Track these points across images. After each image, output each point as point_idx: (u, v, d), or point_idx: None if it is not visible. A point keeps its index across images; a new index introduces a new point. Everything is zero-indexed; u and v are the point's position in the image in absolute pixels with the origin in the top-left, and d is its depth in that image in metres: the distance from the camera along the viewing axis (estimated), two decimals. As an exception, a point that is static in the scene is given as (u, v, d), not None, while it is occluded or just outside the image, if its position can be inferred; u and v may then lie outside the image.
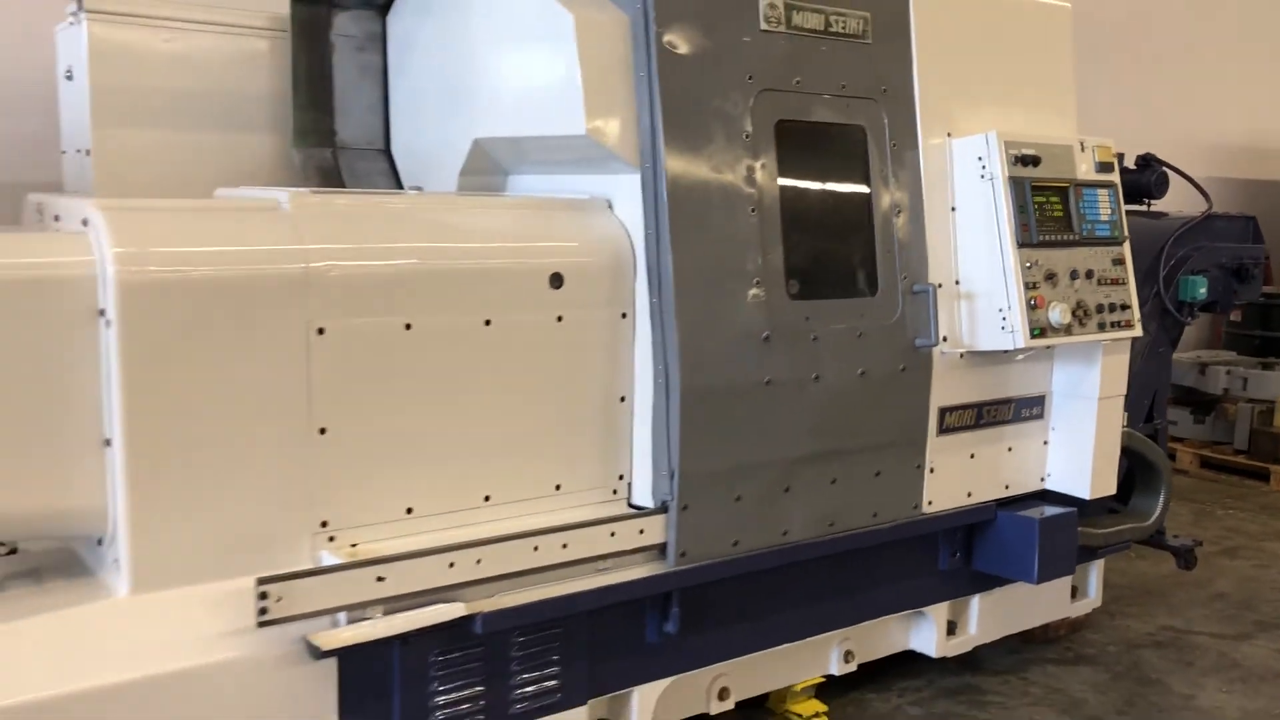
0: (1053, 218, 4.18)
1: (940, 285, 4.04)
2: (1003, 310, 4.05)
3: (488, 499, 3.42)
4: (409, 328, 3.21)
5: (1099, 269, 4.28)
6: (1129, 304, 4.36)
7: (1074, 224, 4.23)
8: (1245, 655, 5.00)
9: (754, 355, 3.64)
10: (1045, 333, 4.06)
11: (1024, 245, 4.06)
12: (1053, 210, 4.19)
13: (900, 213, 4.00)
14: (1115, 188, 4.40)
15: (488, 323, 3.35)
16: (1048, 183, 4.18)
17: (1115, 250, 4.36)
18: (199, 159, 4.15)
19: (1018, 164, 4.09)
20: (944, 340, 4.07)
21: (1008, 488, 4.43)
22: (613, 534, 3.48)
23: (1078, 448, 4.47)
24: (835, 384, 3.82)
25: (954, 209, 4.15)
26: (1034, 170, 4.14)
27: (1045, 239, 4.12)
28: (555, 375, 3.52)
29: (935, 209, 4.10)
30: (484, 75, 3.94)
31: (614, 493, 3.67)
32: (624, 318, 3.62)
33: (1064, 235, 4.20)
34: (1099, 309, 4.25)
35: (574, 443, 3.58)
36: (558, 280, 3.48)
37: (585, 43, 3.47)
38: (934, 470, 4.15)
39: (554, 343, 3.50)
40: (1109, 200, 4.37)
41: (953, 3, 4.17)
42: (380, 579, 3.03)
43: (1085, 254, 4.25)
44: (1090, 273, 4.24)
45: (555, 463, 3.55)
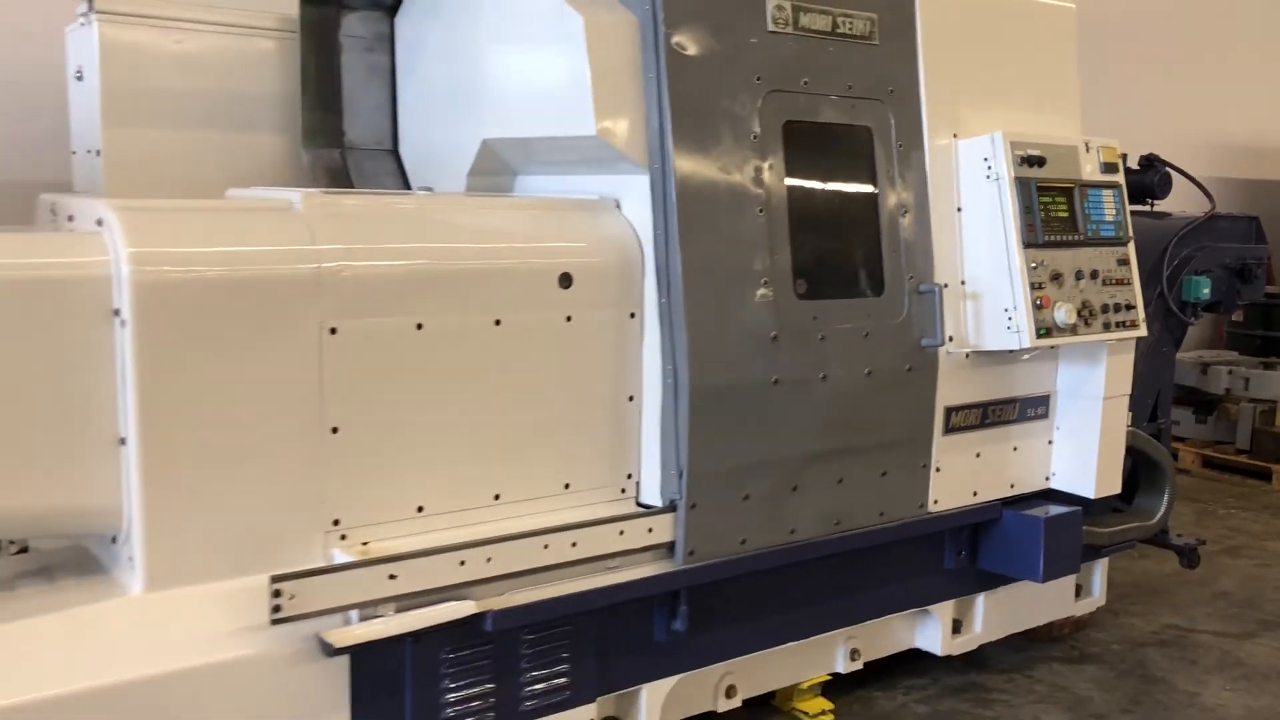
0: (1058, 218, 4.20)
1: (946, 285, 4.05)
2: (1008, 310, 4.07)
3: (497, 498, 3.45)
4: (420, 328, 3.24)
5: (1104, 269, 4.30)
6: (1134, 304, 4.38)
7: (1079, 224, 4.25)
8: (1249, 654, 5.02)
9: (762, 355, 3.66)
10: (1051, 333, 4.08)
11: (1030, 245, 4.08)
12: (1058, 211, 4.21)
13: (906, 213, 4.02)
14: (1120, 188, 4.42)
15: (498, 323, 3.38)
16: (1053, 183, 4.20)
17: (1120, 250, 4.38)
18: (208, 159, 4.19)
19: (1023, 164, 4.12)
20: (950, 340, 4.08)
21: (1013, 487, 4.45)
22: (621, 532, 3.51)
23: (1082, 447, 4.49)
24: (842, 383, 3.84)
25: (960, 209, 4.17)
26: (1039, 171, 4.16)
27: (1051, 239, 4.14)
28: (564, 375, 3.54)
29: (941, 209, 4.12)
30: (493, 76, 3.96)
31: (622, 491, 3.69)
32: (632, 317, 3.64)
33: (1069, 236, 4.22)
34: (1104, 309, 4.27)
35: (583, 442, 3.60)
36: (567, 280, 3.51)
37: (594, 44, 3.50)
38: (940, 469, 4.17)
39: (563, 342, 3.52)
40: (1114, 201, 4.39)
41: (958, 4, 4.20)
42: (392, 577, 3.05)
43: (1090, 254, 4.27)
44: (1095, 273, 4.26)
45: (564, 462, 3.57)
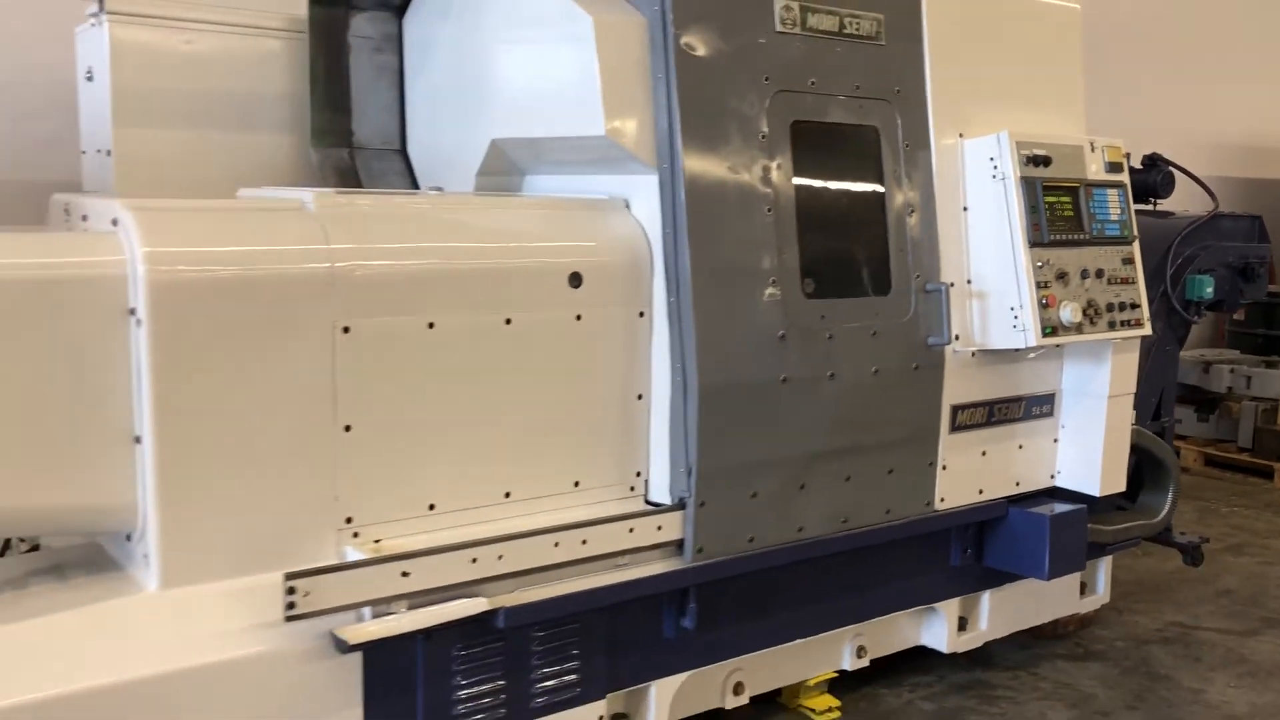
0: (1063, 217, 4.22)
1: (952, 284, 4.08)
2: (1014, 309, 4.09)
3: (508, 495, 3.46)
4: (432, 326, 3.26)
5: (1109, 268, 4.32)
6: (1139, 303, 4.40)
7: (1084, 224, 4.28)
8: (1253, 650, 5.04)
9: (770, 353, 3.68)
10: (1057, 331, 4.11)
11: (1035, 245, 4.10)
12: (1063, 210, 4.23)
13: (913, 212, 4.04)
14: (1124, 188, 4.45)
15: (508, 321, 3.40)
16: (1058, 183, 4.22)
17: (1125, 250, 4.40)
18: (218, 159, 4.20)
19: (1029, 164, 4.14)
20: (956, 339, 4.11)
21: (1018, 485, 4.47)
22: (631, 530, 3.53)
23: (1087, 445, 4.51)
24: (850, 382, 3.86)
25: (965, 209, 4.19)
26: (1045, 170, 4.18)
27: (1056, 238, 4.17)
28: (574, 373, 3.56)
29: (947, 209, 4.14)
30: (502, 76, 3.98)
31: (631, 489, 3.71)
32: (641, 316, 3.66)
33: (1075, 235, 4.24)
34: (1109, 308, 4.29)
35: (592, 440, 3.62)
36: (577, 280, 3.53)
37: (604, 44, 3.51)
38: (946, 467, 4.19)
39: (573, 341, 3.54)
40: (1118, 200, 4.41)
41: (964, 4, 4.22)
42: (405, 574, 3.08)
43: (1095, 253, 4.29)
44: (1100, 272, 4.29)
45: (574, 460, 3.59)
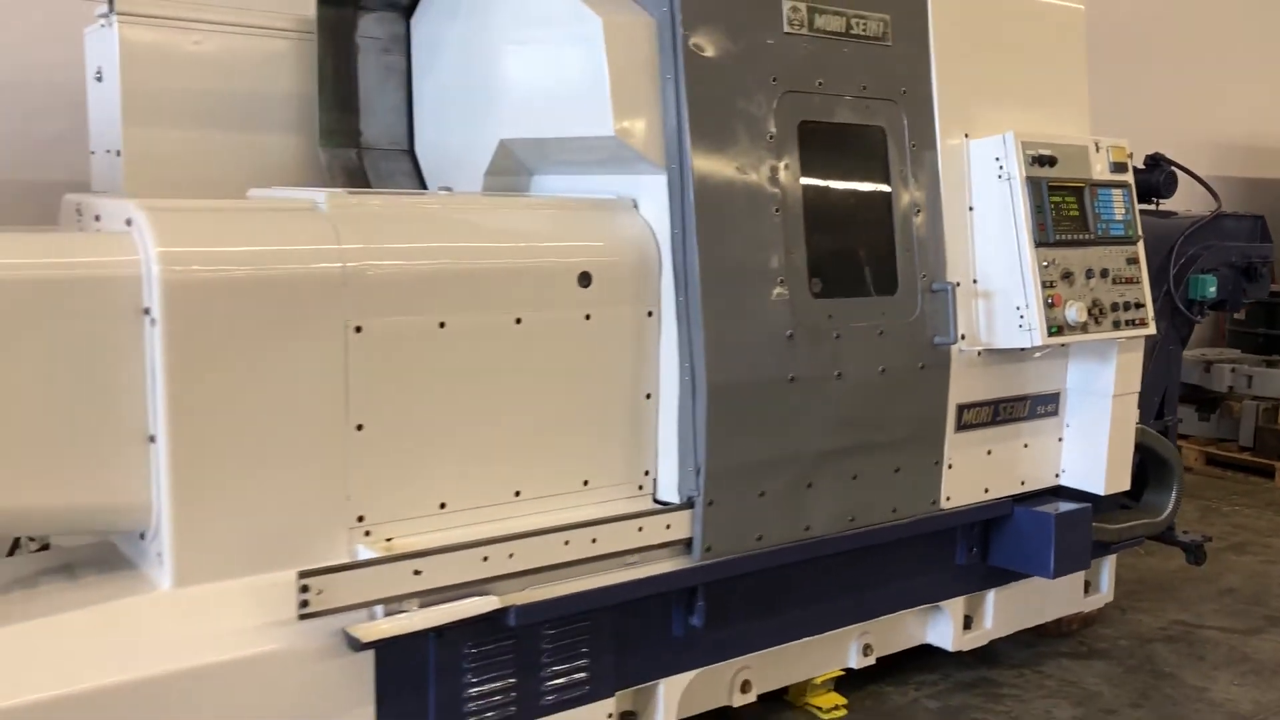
0: (1069, 217, 4.24)
1: (958, 284, 4.09)
2: (1020, 309, 4.11)
3: (518, 494, 3.48)
4: (443, 326, 3.27)
5: (1114, 268, 4.34)
6: (1143, 302, 4.42)
7: (1089, 223, 4.29)
8: (1256, 649, 5.06)
9: (778, 353, 3.69)
10: (1062, 331, 4.12)
11: (1041, 244, 4.12)
12: (1069, 210, 4.24)
13: (919, 212, 4.06)
14: (1129, 188, 4.46)
15: (519, 321, 3.41)
16: (1064, 183, 4.24)
17: (1129, 249, 4.42)
18: (227, 159, 4.22)
19: (1035, 164, 4.15)
20: (962, 338, 4.12)
21: (1023, 484, 4.49)
22: (640, 529, 3.55)
23: (1092, 444, 4.53)
24: (857, 381, 3.88)
25: (971, 209, 4.21)
26: (1050, 170, 4.20)
27: (1061, 238, 4.18)
28: (583, 372, 3.57)
29: (953, 209, 4.16)
30: (510, 77, 3.99)
31: (639, 488, 3.73)
32: (650, 316, 3.68)
33: (1080, 235, 4.25)
34: (1114, 307, 4.31)
35: (601, 439, 3.63)
36: (586, 279, 3.54)
37: (613, 45, 3.53)
38: (952, 466, 4.21)
39: (582, 341, 3.56)
40: (1123, 200, 4.43)
41: (969, 5, 4.23)
42: (417, 572, 3.09)
43: (1100, 253, 4.31)
44: (1105, 271, 4.30)
45: (583, 459, 3.61)
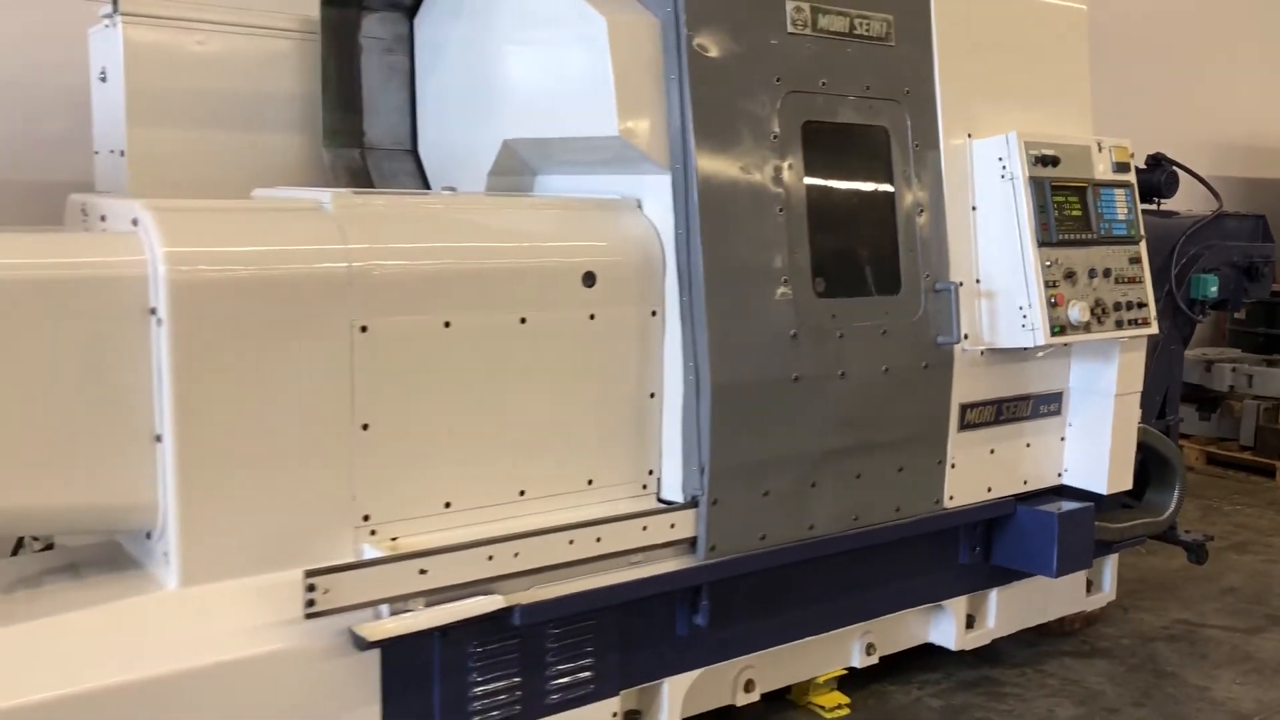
0: (1071, 217, 4.24)
1: (961, 284, 4.10)
2: (1023, 308, 4.11)
3: (522, 493, 3.49)
4: (448, 326, 3.28)
5: (1116, 267, 4.35)
6: (1145, 302, 4.43)
7: (1092, 223, 4.30)
8: (1258, 648, 5.07)
9: (782, 352, 3.70)
10: (1065, 330, 4.13)
11: (1044, 244, 4.13)
12: (1071, 210, 4.25)
13: (922, 212, 4.07)
14: (1131, 187, 4.47)
15: (523, 321, 3.42)
16: (1067, 182, 4.25)
17: (1132, 249, 4.43)
18: (230, 158, 4.22)
19: (1038, 164, 4.16)
20: (965, 338, 4.13)
21: (1026, 483, 4.50)
22: (645, 528, 3.55)
23: (1095, 443, 4.54)
24: (860, 380, 3.89)
25: (974, 208, 4.22)
26: (1053, 170, 4.21)
27: (1064, 238, 4.19)
28: (588, 372, 3.58)
29: (956, 208, 4.17)
30: (514, 77, 4.00)
31: (643, 488, 3.74)
32: (654, 315, 3.68)
33: (1082, 234, 4.26)
34: (1116, 307, 4.31)
35: (606, 438, 3.64)
36: (590, 279, 3.55)
37: (617, 45, 3.53)
38: (955, 465, 4.21)
39: (586, 340, 3.56)
40: (1125, 200, 4.44)
41: (972, 5, 4.24)
42: (423, 571, 3.10)
43: (1103, 253, 4.32)
44: (1108, 271, 4.31)
45: (587, 458, 3.61)
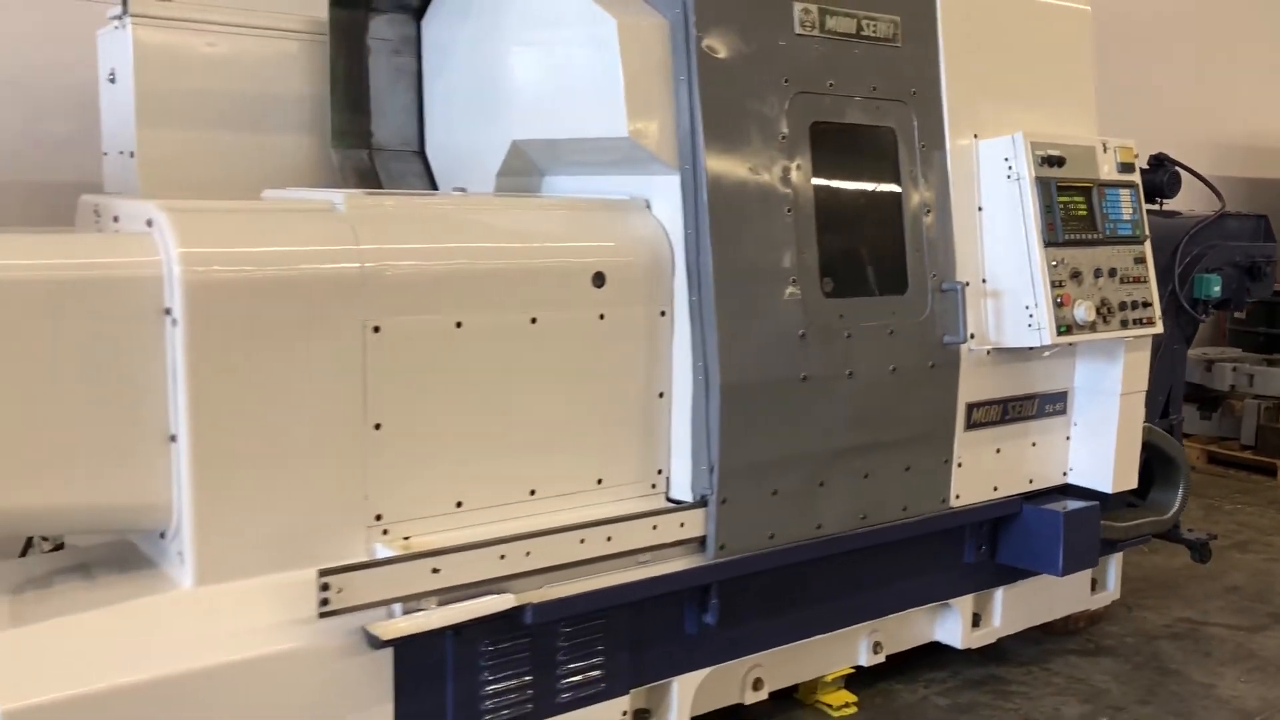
0: (1077, 217, 4.26)
1: (968, 283, 4.11)
2: (1029, 308, 4.13)
3: (533, 493, 3.50)
4: (459, 326, 3.29)
5: (1121, 267, 4.37)
6: (1150, 301, 4.44)
7: (1097, 223, 4.32)
8: (1261, 646, 5.09)
9: (790, 352, 3.72)
10: (1071, 330, 4.15)
11: (1050, 244, 4.14)
12: (1077, 210, 4.27)
13: (929, 212, 4.08)
14: (1136, 187, 4.49)
15: (534, 321, 3.43)
16: (1072, 183, 4.27)
17: (1137, 249, 4.45)
18: (239, 159, 4.24)
19: (1043, 164, 4.18)
20: (971, 337, 4.15)
21: (1031, 482, 4.51)
22: (654, 527, 3.57)
23: (1100, 442, 4.55)
24: (868, 380, 3.90)
25: (980, 209, 4.23)
26: (1059, 170, 4.23)
27: (1070, 238, 4.21)
28: (598, 372, 3.59)
29: (962, 208, 4.18)
30: (522, 78, 4.02)
31: (653, 487, 3.75)
32: (663, 315, 3.70)
33: (1088, 234, 4.28)
34: (1122, 306, 4.33)
35: (615, 438, 3.66)
36: (600, 279, 3.56)
37: (627, 46, 3.55)
38: (961, 465, 4.23)
39: (596, 340, 3.58)
40: (1130, 200, 4.46)
41: (978, 6, 4.26)
42: (435, 570, 3.11)
43: (1108, 253, 4.34)
44: (1113, 271, 4.33)
45: (597, 457, 3.63)
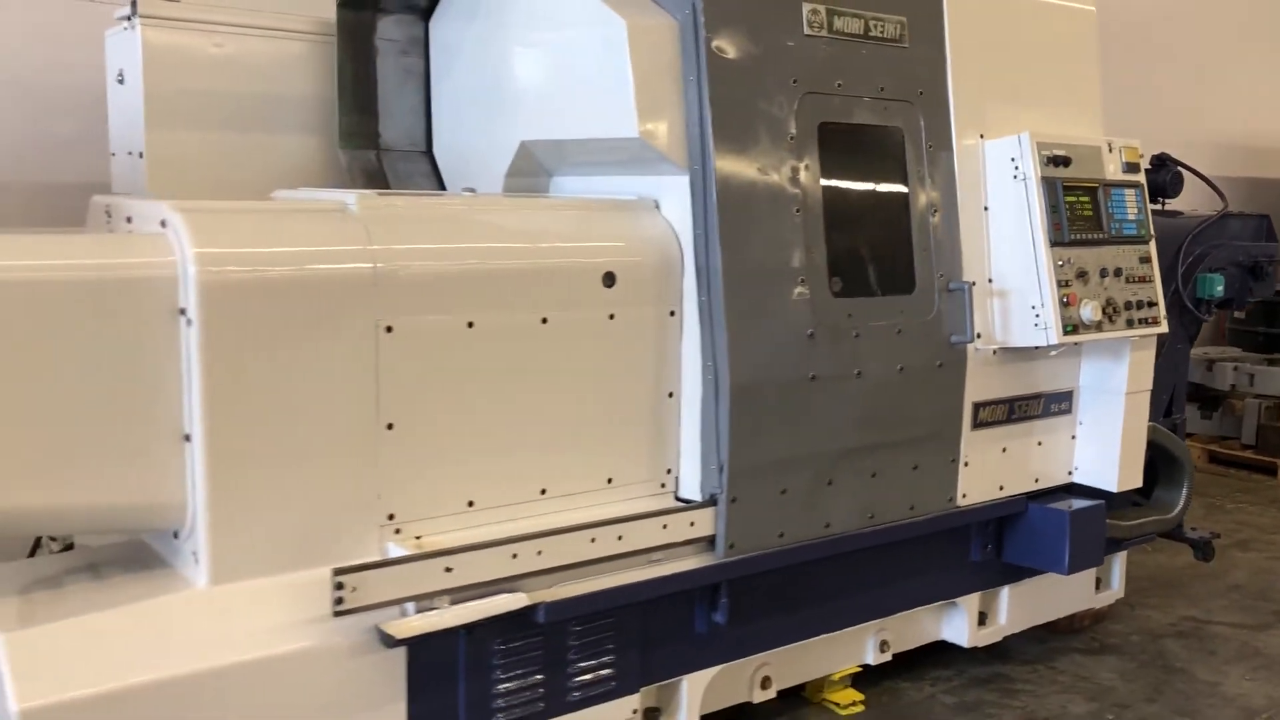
0: (1083, 217, 4.28)
1: (975, 283, 4.13)
2: (1036, 308, 4.14)
3: (543, 492, 3.51)
4: (471, 326, 3.30)
5: (1127, 267, 4.38)
6: (1155, 301, 4.46)
7: (1103, 223, 4.34)
8: (1266, 644, 5.11)
9: (799, 352, 3.73)
10: (1078, 329, 4.16)
11: (1056, 244, 4.16)
12: (1083, 210, 4.29)
13: (936, 212, 4.10)
14: (1141, 187, 4.51)
15: (544, 321, 3.45)
16: (1078, 183, 4.28)
17: (1142, 249, 4.46)
18: (247, 160, 4.24)
19: (1049, 164, 4.19)
20: (978, 337, 4.16)
21: (1037, 481, 4.53)
22: (665, 526, 3.58)
23: (1105, 441, 4.57)
24: (876, 379, 3.92)
25: (987, 209, 4.25)
26: (1065, 170, 4.24)
27: (1076, 238, 4.23)
28: (607, 371, 3.60)
29: (969, 209, 4.20)
30: (531, 78, 4.03)
31: (662, 486, 3.76)
32: (672, 315, 3.71)
33: (1094, 234, 4.30)
34: (1127, 306, 4.35)
35: (625, 437, 3.67)
36: (610, 279, 3.57)
37: (637, 47, 3.56)
38: (968, 464, 4.24)
39: (606, 340, 3.59)
40: (1135, 200, 4.48)
41: (984, 7, 4.27)
42: (448, 570, 3.12)
43: (1114, 252, 4.35)
44: (1119, 270, 4.34)
45: (607, 457, 3.64)
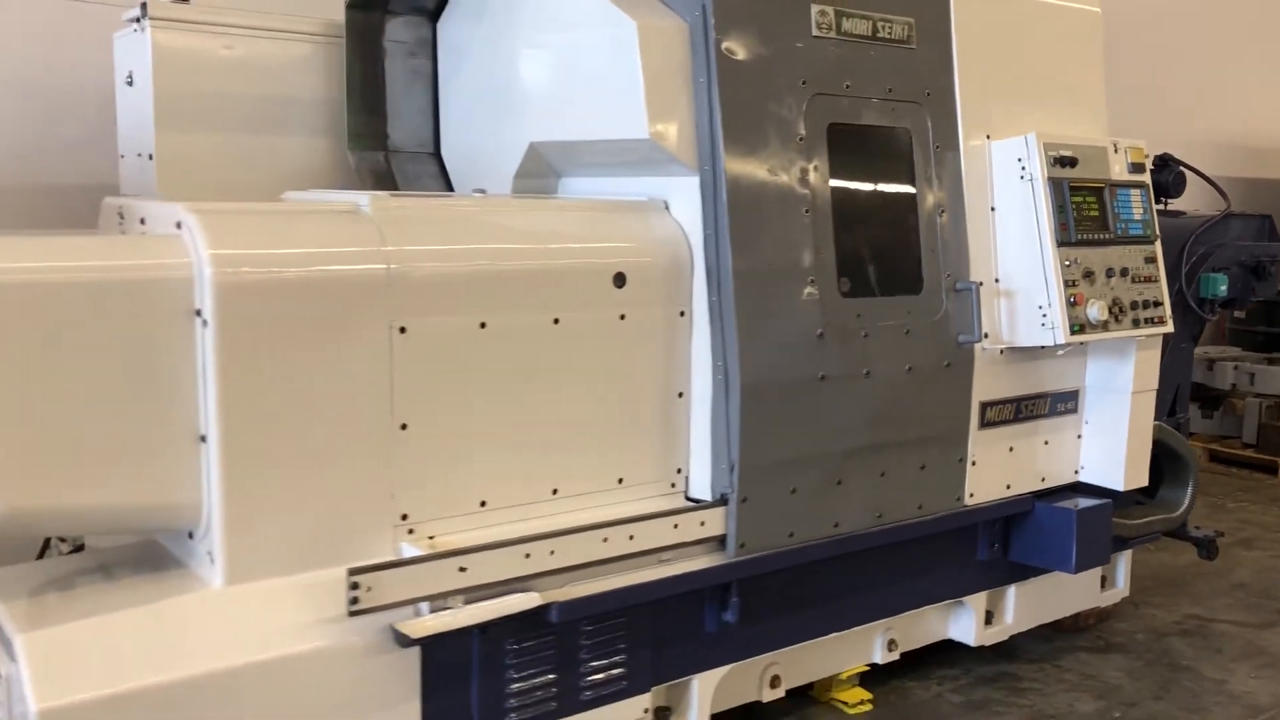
0: (1089, 217, 4.30)
1: (982, 283, 4.14)
2: (1043, 307, 4.16)
3: (555, 492, 3.52)
4: (484, 326, 3.32)
5: (1133, 267, 4.40)
6: (1161, 300, 4.48)
7: (1109, 223, 4.36)
8: (1270, 642, 5.13)
9: (809, 352, 3.74)
10: (1084, 329, 4.18)
11: (1063, 244, 4.18)
12: (1089, 210, 4.31)
13: (943, 213, 4.11)
14: (1147, 188, 4.53)
15: (556, 321, 3.46)
16: (1084, 183, 4.30)
17: (1147, 249, 4.48)
18: (256, 161, 4.26)
19: (1056, 165, 4.21)
20: (985, 337, 4.18)
21: (1043, 480, 4.55)
22: (676, 526, 3.59)
23: (1111, 441, 4.59)
24: (884, 379, 3.93)
25: (994, 209, 4.26)
26: (1071, 171, 4.26)
27: (1083, 238, 4.24)
28: (618, 372, 3.62)
29: (976, 209, 4.21)
30: (540, 80, 4.04)
31: (672, 486, 3.77)
32: (682, 316, 3.72)
33: (1100, 234, 4.32)
34: (1133, 305, 4.37)
35: (636, 437, 3.68)
36: (621, 280, 3.59)
37: (647, 49, 3.57)
38: (975, 463, 4.26)
39: (617, 340, 3.60)
40: (1141, 200, 4.50)
41: (991, 8, 4.29)
42: (462, 569, 3.13)
43: (1120, 252, 4.37)
44: (1125, 270, 4.36)
45: (618, 456, 3.65)
